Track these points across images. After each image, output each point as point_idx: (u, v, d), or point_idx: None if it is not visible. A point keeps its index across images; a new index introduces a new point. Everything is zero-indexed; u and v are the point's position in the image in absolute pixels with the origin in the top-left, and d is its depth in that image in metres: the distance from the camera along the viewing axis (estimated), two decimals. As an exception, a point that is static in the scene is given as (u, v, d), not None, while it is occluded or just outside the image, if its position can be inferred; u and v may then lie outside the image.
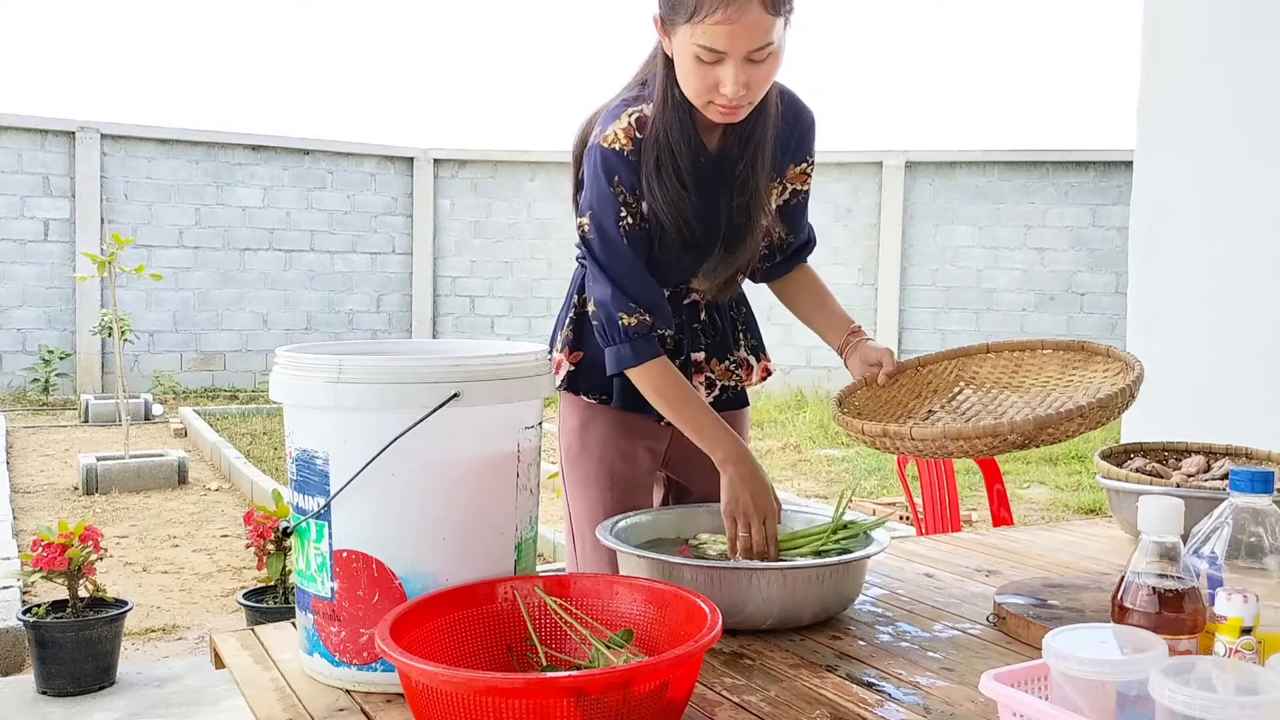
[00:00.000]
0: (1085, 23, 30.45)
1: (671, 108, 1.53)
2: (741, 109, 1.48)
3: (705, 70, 1.42)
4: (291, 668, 1.32)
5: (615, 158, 1.55)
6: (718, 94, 1.44)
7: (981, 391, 1.68)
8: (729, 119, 1.50)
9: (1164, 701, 0.79)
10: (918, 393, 1.72)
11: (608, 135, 1.55)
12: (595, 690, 0.95)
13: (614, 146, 1.55)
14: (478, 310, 11.36)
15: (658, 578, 1.36)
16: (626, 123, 1.55)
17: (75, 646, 3.23)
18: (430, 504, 1.24)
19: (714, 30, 1.37)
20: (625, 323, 1.56)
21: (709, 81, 1.43)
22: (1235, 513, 1.07)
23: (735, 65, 1.41)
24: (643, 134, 1.55)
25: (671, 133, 1.54)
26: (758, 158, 1.59)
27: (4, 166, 9.65)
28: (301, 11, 26.95)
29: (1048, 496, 6.63)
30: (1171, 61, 3.55)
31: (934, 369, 1.74)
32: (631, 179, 1.55)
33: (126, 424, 6.61)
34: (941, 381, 1.72)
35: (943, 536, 2.18)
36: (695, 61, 1.42)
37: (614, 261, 1.57)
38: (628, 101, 1.59)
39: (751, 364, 1.84)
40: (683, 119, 1.54)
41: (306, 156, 10.87)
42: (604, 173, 1.55)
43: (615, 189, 1.55)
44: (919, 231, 10.56)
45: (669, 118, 1.53)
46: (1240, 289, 3.32)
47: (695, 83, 1.45)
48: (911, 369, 1.74)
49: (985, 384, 1.69)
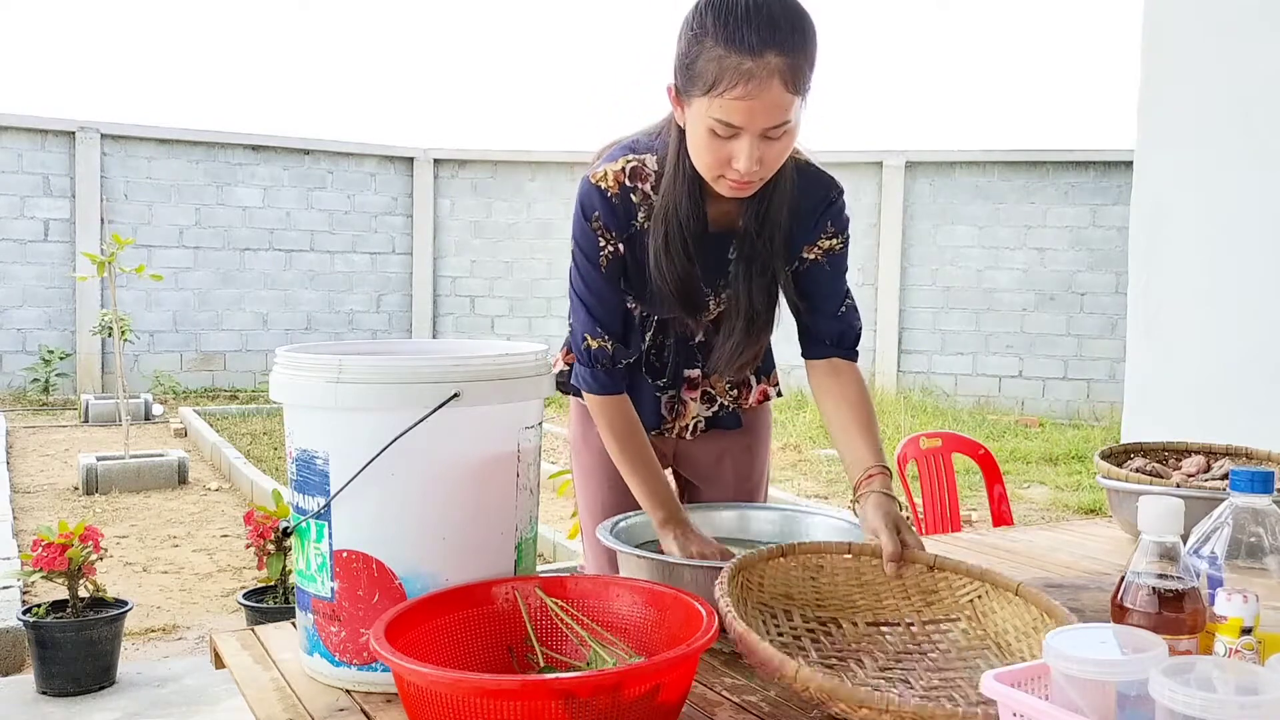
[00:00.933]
0: (1085, 23, 30.46)
1: (682, 180, 1.51)
2: (753, 185, 1.45)
3: (719, 144, 1.39)
4: (291, 668, 1.32)
5: (598, 196, 1.54)
6: (730, 169, 1.40)
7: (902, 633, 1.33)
8: (738, 194, 1.46)
9: (1164, 701, 0.78)
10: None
11: (599, 172, 1.55)
12: (584, 693, 0.95)
13: (600, 185, 1.54)
14: (478, 310, 11.36)
15: (657, 578, 1.36)
16: (621, 167, 1.55)
17: (75, 646, 3.23)
18: (430, 504, 1.24)
19: (732, 105, 1.34)
20: (589, 345, 1.58)
21: (722, 156, 1.40)
22: (1235, 513, 1.07)
23: (751, 141, 1.37)
24: (633, 183, 1.54)
25: (680, 207, 1.51)
26: (775, 235, 1.56)
27: (4, 166, 9.65)
28: (301, 11, 26.96)
29: (1048, 496, 6.63)
30: (1171, 61, 3.55)
31: (944, 580, 1.36)
32: (610, 219, 1.55)
33: (126, 424, 6.60)
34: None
35: (943, 536, 2.18)
36: (709, 135, 1.38)
37: (589, 289, 1.58)
38: (633, 147, 1.58)
39: (751, 384, 1.83)
40: (692, 192, 1.51)
41: (306, 156, 10.86)
42: (584, 207, 1.55)
43: (593, 224, 1.55)
44: (919, 231, 10.55)
45: (679, 190, 1.51)
46: (1240, 289, 3.32)
47: (707, 157, 1.41)
48: (921, 566, 1.37)
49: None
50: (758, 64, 1.32)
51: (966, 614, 1.29)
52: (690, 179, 1.50)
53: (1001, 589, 1.28)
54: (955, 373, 10.45)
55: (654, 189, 1.55)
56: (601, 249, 1.56)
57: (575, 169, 11.08)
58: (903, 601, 1.32)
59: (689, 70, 1.38)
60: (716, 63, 1.33)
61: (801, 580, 1.34)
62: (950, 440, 3.46)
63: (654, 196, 1.55)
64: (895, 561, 1.36)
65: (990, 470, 3.39)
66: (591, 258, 1.56)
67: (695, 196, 1.52)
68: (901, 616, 1.31)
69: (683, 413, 1.78)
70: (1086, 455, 7.63)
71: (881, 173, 10.53)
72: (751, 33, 1.32)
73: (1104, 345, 9.93)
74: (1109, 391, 9.77)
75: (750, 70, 1.32)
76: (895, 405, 9.66)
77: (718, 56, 1.33)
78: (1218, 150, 3.40)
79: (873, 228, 10.60)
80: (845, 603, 1.33)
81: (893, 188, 10.53)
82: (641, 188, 1.55)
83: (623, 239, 1.56)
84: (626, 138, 1.64)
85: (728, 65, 1.33)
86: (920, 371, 10.55)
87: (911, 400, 10.01)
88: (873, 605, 1.32)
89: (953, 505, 3.31)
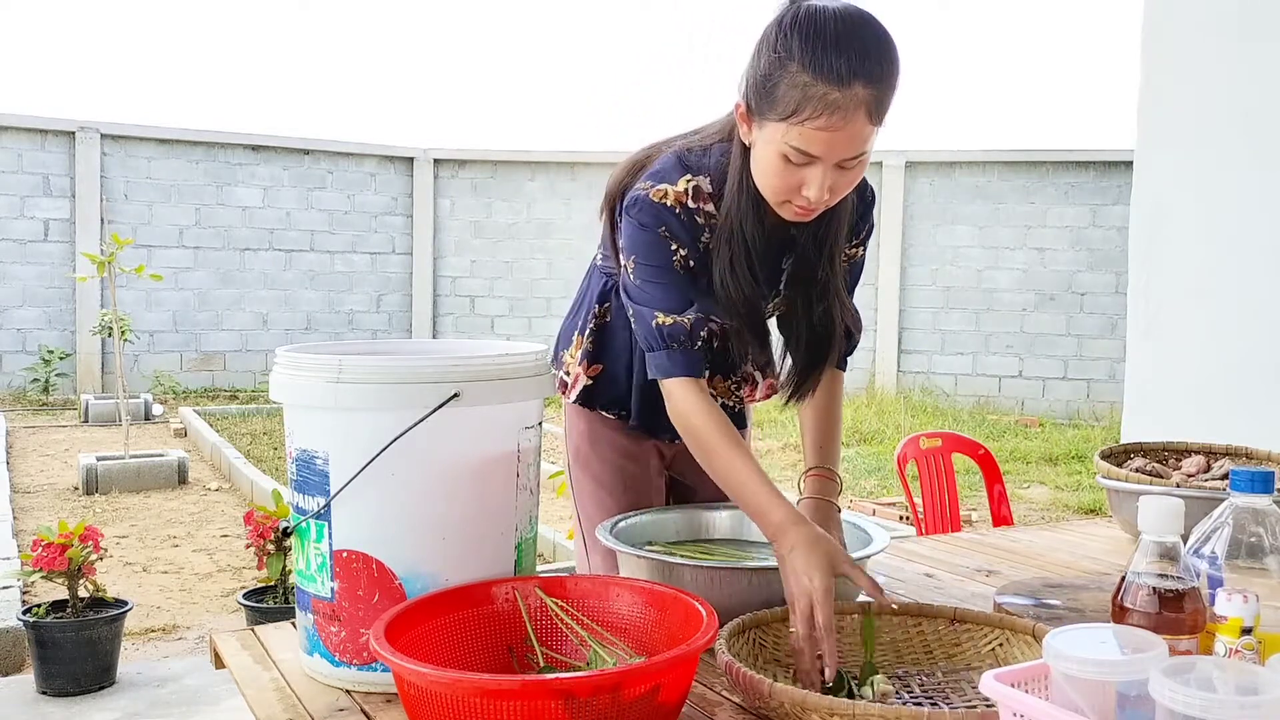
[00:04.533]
0: (1085, 23, 30.46)
1: (746, 200, 1.44)
2: (817, 211, 1.40)
3: (791, 171, 1.33)
4: (291, 668, 1.32)
5: (665, 211, 1.45)
6: (799, 195, 1.35)
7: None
8: (801, 219, 1.42)
9: (1164, 701, 0.78)
10: None
11: (658, 190, 1.46)
12: (583, 693, 0.95)
13: (663, 201, 1.46)
14: (478, 310, 11.36)
15: (657, 579, 1.36)
16: (684, 188, 1.46)
17: (75, 646, 3.23)
18: (430, 504, 1.24)
19: (812, 135, 1.28)
20: (661, 322, 1.45)
21: (792, 182, 1.34)
22: (1235, 513, 1.07)
23: (825, 170, 1.31)
24: (695, 204, 1.47)
25: (746, 226, 1.45)
26: (835, 255, 1.52)
27: (4, 166, 9.65)
28: (301, 11, 26.96)
29: (1048, 496, 6.63)
30: (1171, 61, 3.55)
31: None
32: (680, 232, 1.47)
33: (126, 424, 6.60)
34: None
35: (943, 536, 2.18)
36: (782, 160, 1.33)
37: (659, 280, 1.47)
38: (686, 163, 1.49)
39: (756, 380, 1.75)
40: (758, 212, 1.45)
41: (306, 156, 10.86)
42: (649, 223, 1.46)
43: (662, 235, 1.46)
44: (919, 231, 10.56)
45: (743, 209, 1.44)
46: (1240, 289, 3.32)
47: (776, 181, 1.35)
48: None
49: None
50: (845, 95, 1.26)
51: (989, 663, 1.27)
52: (754, 198, 1.44)
53: (1020, 633, 1.27)
54: (955, 373, 10.45)
55: (716, 209, 1.48)
56: (674, 252, 1.47)
57: (575, 169, 11.09)
58: (924, 655, 1.31)
59: (767, 92, 1.31)
60: (800, 90, 1.27)
61: None
62: (950, 440, 3.46)
63: (717, 216, 1.48)
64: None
65: (990, 470, 3.39)
66: (661, 262, 1.46)
67: (759, 215, 1.46)
68: (923, 669, 1.30)
69: None
70: (1086, 455, 7.63)
71: (881, 173, 10.53)
72: (841, 61, 1.26)
73: (1104, 345, 9.93)
74: (1109, 391, 9.77)
75: (837, 101, 1.26)
76: (895, 405, 9.66)
77: (802, 83, 1.27)
78: (1218, 150, 3.40)
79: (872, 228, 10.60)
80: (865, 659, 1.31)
81: (893, 188, 10.54)
82: (704, 208, 1.48)
83: (693, 256, 1.48)
84: (656, 148, 1.57)
85: (813, 94, 1.26)
86: (920, 371, 10.55)
87: (911, 400, 10.01)
88: (893, 660, 1.31)
89: (953, 505, 3.31)
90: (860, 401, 9.85)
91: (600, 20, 27.48)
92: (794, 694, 1.04)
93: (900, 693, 1.23)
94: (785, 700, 1.04)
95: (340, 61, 27.68)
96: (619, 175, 1.58)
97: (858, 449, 8.15)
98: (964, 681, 1.26)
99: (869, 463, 7.48)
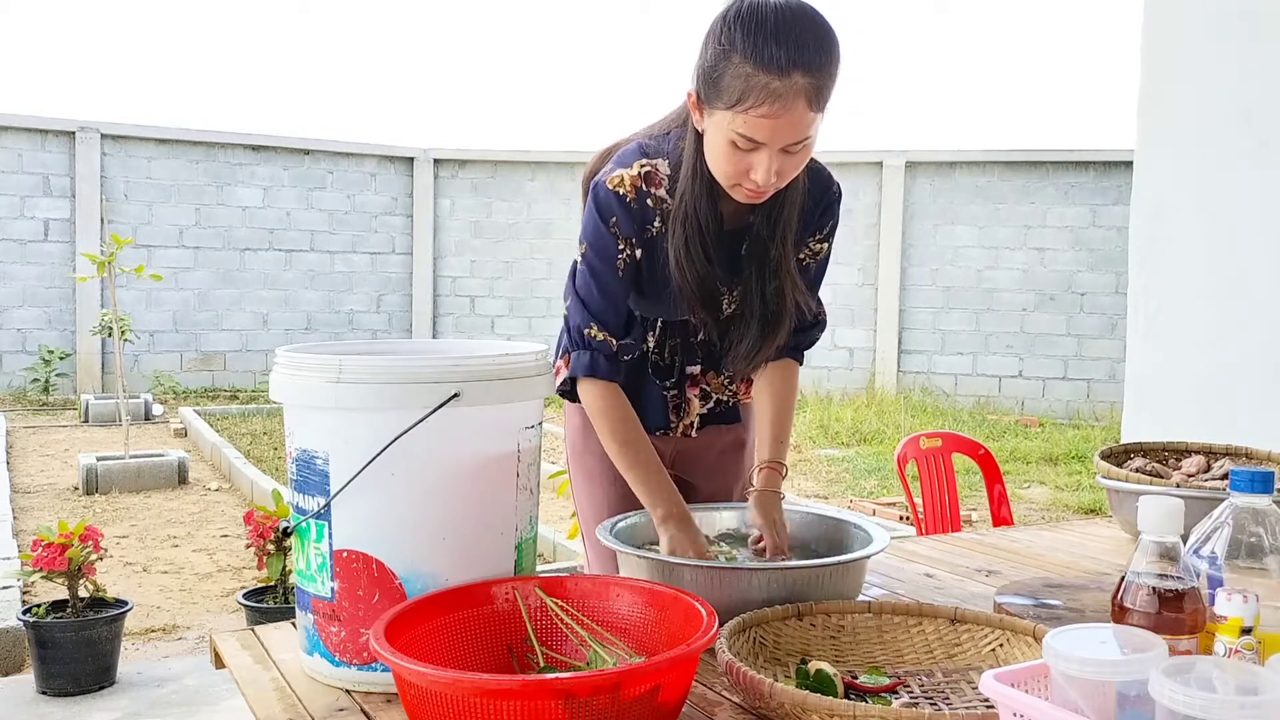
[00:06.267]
0: (1085, 23, 30.46)
1: (699, 183, 1.51)
2: (768, 193, 1.46)
3: (739, 156, 1.40)
4: (291, 668, 1.32)
5: (616, 201, 1.54)
6: (747, 179, 1.41)
7: None
8: (752, 201, 1.48)
9: (1164, 701, 0.78)
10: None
11: (614, 177, 1.55)
12: (584, 693, 0.95)
13: (617, 190, 1.54)
14: (478, 310, 11.36)
15: (657, 578, 1.36)
16: (636, 172, 1.55)
17: (75, 646, 3.23)
18: (430, 504, 1.24)
19: (756, 122, 1.35)
20: (592, 333, 1.57)
21: (741, 167, 1.41)
22: (1235, 513, 1.07)
23: (770, 155, 1.38)
24: (649, 188, 1.55)
25: (699, 209, 1.52)
26: (787, 236, 1.57)
27: (4, 166, 9.65)
28: (301, 12, 26.95)
29: (1048, 496, 6.63)
30: (1171, 61, 3.55)
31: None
32: (629, 227, 1.55)
33: (126, 424, 6.61)
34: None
35: (943, 536, 2.18)
36: (730, 146, 1.39)
37: (601, 288, 1.57)
38: (644, 149, 1.58)
39: (750, 378, 1.80)
40: (710, 194, 1.52)
41: (306, 156, 10.87)
42: (602, 212, 1.55)
43: (611, 229, 1.55)
44: (919, 231, 10.56)
45: (697, 192, 1.52)
46: (1240, 289, 3.32)
47: (726, 166, 1.42)
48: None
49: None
50: (784, 84, 1.32)
51: (989, 663, 1.28)
52: (707, 182, 1.51)
53: (1020, 633, 1.27)
54: (955, 373, 10.45)
55: (669, 193, 1.55)
56: (620, 251, 1.56)
57: (575, 169, 11.07)
58: (924, 655, 1.31)
59: (714, 82, 1.38)
60: (743, 80, 1.34)
61: (821, 639, 1.32)
62: (950, 440, 3.46)
63: (669, 200, 1.55)
64: (778, 554, 1.52)
65: (990, 470, 3.39)
66: (607, 261, 1.56)
67: (712, 198, 1.53)
68: (923, 669, 1.30)
69: (686, 411, 1.78)
70: (1086, 455, 7.63)
71: (881, 173, 10.53)
72: (780, 52, 1.32)
73: (1104, 345, 9.93)
74: (1109, 391, 9.77)
75: (777, 90, 1.32)
76: (895, 405, 9.66)
77: (745, 74, 1.33)
78: (1218, 150, 3.40)
79: (873, 228, 10.60)
80: (865, 658, 1.31)
81: (893, 188, 10.54)
82: (656, 192, 1.55)
83: (640, 245, 1.57)
84: (629, 139, 1.64)
85: (754, 83, 1.33)
86: (920, 371, 10.55)
87: (911, 400, 10.01)
88: (893, 660, 1.31)
89: (953, 505, 3.31)
90: (860, 401, 9.86)
91: (600, 20, 27.46)
92: (794, 694, 1.04)
93: (899, 690, 1.23)
94: (785, 700, 1.05)
95: (340, 61, 27.68)
96: (593, 164, 1.69)
97: (858, 449, 8.16)
98: (964, 682, 1.26)
99: (869, 463, 7.48)
